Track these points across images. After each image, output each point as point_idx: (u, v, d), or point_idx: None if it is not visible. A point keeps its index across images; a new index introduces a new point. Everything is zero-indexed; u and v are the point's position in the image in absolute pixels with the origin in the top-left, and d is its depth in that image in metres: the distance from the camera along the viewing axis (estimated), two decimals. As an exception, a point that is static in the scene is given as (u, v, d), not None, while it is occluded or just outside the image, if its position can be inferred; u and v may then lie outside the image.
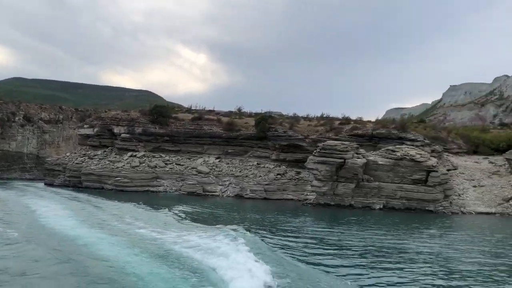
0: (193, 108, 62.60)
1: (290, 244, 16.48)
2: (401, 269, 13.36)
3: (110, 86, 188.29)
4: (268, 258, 12.24)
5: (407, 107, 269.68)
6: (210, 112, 58.21)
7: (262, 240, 15.93)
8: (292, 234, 19.25)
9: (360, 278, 11.84)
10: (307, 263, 13.14)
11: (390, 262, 14.27)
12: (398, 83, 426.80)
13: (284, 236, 18.38)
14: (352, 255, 15.29)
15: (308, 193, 37.80)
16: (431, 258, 15.25)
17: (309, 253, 15.03)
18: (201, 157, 46.89)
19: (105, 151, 48.25)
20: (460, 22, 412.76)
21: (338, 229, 21.76)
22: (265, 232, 19.20)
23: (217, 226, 18.50)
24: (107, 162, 45.56)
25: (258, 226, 21.23)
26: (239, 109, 59.63)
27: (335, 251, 15.74)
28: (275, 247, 15.17)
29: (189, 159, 46.75)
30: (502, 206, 35.27)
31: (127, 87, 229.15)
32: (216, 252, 12.59)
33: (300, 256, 14.18)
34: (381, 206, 33.28)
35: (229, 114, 56.29)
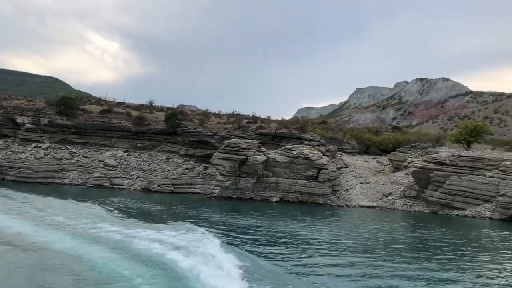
0: (102, 99, 62.09)
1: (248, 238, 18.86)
2: (296, 248, 16.44)
3: (10, 70, 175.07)
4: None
5: (317, 106, 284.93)
6: (120, 104, 58.30)
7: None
8: (250, 231, 21.63)
9: (256, 252, 14.56)
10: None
11: (285, 244, 17.31)
12: (310, 84, 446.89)
13: (239, 233, 20.70)
14: (257, 237, 18.12)
15: (214, 187, 40.35)
16: (319, 240, 18.60)
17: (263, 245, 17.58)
18: (109, 150, 47.30)
19: (6, 141, 46.59)
20: (369, 28, 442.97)
21: (249, 218, 24.61)
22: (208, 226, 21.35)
23: (178, 223, 20.20)
24: (9, 153, 44.21)
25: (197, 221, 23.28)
26: (151, 103, 60.42)
27: (250, 236, 18.53)
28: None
29: (97, 151, 46.93)
30: (382, 201, 40.68)
31: (30, 72, 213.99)
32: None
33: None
34: (278, 199, 36.90)
35: (140, 107, 56.90)
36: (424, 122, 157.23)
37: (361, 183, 45.32)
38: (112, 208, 25.69)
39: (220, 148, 38.52)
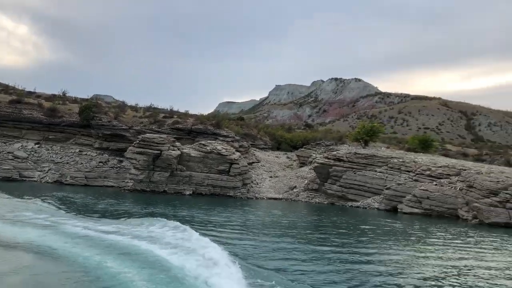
0: (11, 86, 59.55)
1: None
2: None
3: None
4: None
5: (238, 101, 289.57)
6: (31, 94, 56.56)
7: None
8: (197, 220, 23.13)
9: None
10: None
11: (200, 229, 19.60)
12: (232, 78, 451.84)
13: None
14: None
15: (128, 180, 41.46)
16: (231, 224, 21.14)
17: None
18: (19, 141, 46.22)
19: None
20: (292, 28, 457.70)
21: (163, 209, 26.45)
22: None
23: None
24: None
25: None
26: (64, 93, 59.22)
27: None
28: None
29: (5, 143, 45.62)
30: (288, 193, 44.49)
31: None
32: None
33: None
34: (191, 192, 39.10)
35: (52, 98, 55.65)
36: (336, 120, 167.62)
37: (271, 177, 48.91)
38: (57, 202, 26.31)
39: (135, 142, 39.74)
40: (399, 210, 35.95)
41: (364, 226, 25.56)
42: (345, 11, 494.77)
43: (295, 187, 45.69)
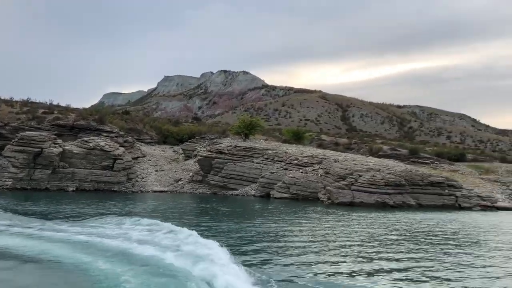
0: None
1: None
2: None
3: None
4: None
5: (124, 92, 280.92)
6: None
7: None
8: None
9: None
10: None
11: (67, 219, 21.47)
12: (117, 67, 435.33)
13: None
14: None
15: (7, 179, 40.75)
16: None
17: None
18: None
19: None
20: (179, 16, 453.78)
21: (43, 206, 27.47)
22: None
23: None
24: None
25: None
26: None
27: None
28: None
29: None
30: (173, 186, 47.32)
31: None
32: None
33: None
34: (74, 188, 39.98)
35: None
36: (225, 112, 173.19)
37: (156, 170, 51.23)
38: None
39: (13, 140, 39.30)
40: (271, 195, 41.00)
41: (240, 209, 29.67)
42: (236, 4, 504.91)
43: (180, 179, 48.66)
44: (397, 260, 14.41)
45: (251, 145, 49.02)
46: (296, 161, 43.98)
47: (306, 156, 44.81)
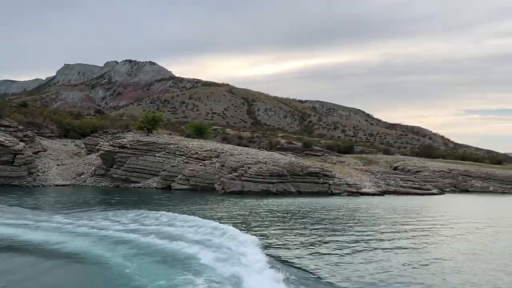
0: None
1: None
2: None
3: None
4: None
5: (20, 80, 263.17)
6: None
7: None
8: None
9: None
10: None
11: None
12: (10, 53, 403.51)
13: None
14: None
15: None
16: None
17: None
18: None
19: None
20: (81, 2, 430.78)
21: None
22: None
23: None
24: None
25: None
26: None
27: None
28: None
29: None
30: (75, 179, 49.08)
31: None
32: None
33: None
34: (-28, 184, 40.46)
35: None
36: (130, 104, 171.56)
37: (58, 165, 52.40)
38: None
39: None
40: (172, 187, 44.89)
41: (136, 198, 33.28)
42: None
43: (82, 173, 50.52)
44: (272, 231, 19.42)
45: (154, 140, 52.34)
46: (196, 155, 48.26)
47: (205, 151, 49.26)
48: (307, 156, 72.54)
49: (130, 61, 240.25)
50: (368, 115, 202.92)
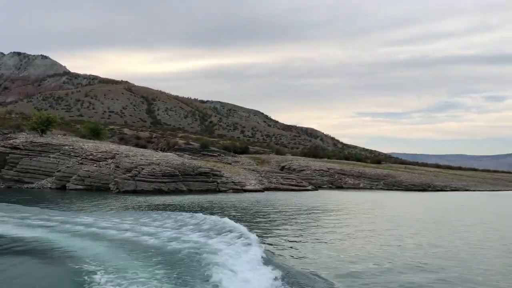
0: None
1: None
2: None
3: None
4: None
5: None
6: None
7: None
8: None
9: None
10: None
11: None
12: None
13: None
14: None
15: None
16: None
17: None
18: None
19: None
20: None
21: None
22: None
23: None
24: None
25: None
26: None
27: None
28: None
29: None
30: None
31: None
32: None
33: None
34: None
35: None
36: (20, 100, 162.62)
37: None
38: None
39: None
40: (67, 187, 47.04)
41: (29, 197, 35.61)
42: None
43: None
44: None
45: (48, 141, 53.68)
46: (91, 156, 50.74)
47: (101, 152, 51.91)
48: (204, 157, 77.35)
49: (19, 53, 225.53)
50: (266, 116, 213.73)
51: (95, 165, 49.32)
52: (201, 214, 19.54)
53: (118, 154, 51.25)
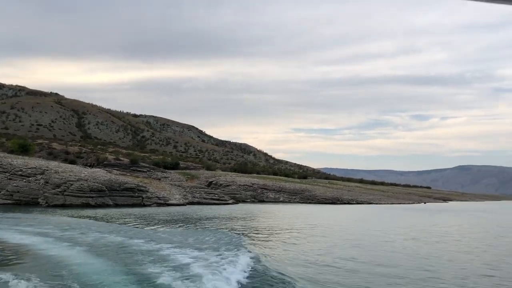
0: None
1: None
2: None
3: None
4: None
5: None
6: None
7: None
8: None
9: None
10: None
11: None
12: None
13: None
14: None
15: None
16: None
17: None
18: None
19: None
20: None
21: None
22: None
23: None
24: None
25: None
26: None
27: None
28: None
29: None
30: None
31: None
32: None
33: None
34: None
35: None
36: None
37: None
38: None
39: None
40: (-5, 202, 49.86)
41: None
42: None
43: None
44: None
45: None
46: (20, 172, 53.81)
47: (30, 168, 55.07)
48: (133, 172, 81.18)
49: None
50: (201, 131, 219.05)
51: (24, 180, 52.48)
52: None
53: (47, 170, 54.65)
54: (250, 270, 14.56)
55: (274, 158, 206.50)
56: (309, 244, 24.17)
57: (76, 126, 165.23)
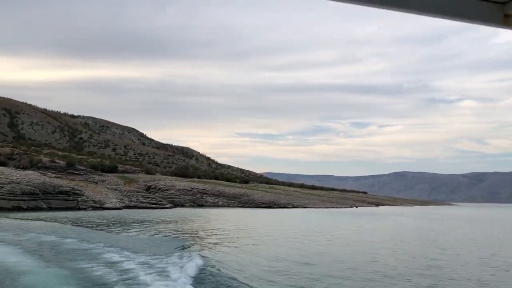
0: None
1: None
2: None
3: None
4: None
5: None
6: None
7: None
8: None
9: None
10: None
11: None
12: None
13: None
14: None
15: None
16: None
17: None
18: None
19: None
20: None
21: None
22: None
23: None
24: None
25: None
26: None
27: None
28: None
29: None
30: None
31: None
32: None
33: None
34: None
35: None
36: None
37: None
38: None
39: None
40: None
41: None
42: None
43: None
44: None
45: None
46: None
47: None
48: (69, 175, 79.65)
49: None
50: (141, 134, 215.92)
51: None
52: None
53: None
54: (199, 273, 15.06)
55: (216, 163, 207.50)
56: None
57: (8, 126, 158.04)
